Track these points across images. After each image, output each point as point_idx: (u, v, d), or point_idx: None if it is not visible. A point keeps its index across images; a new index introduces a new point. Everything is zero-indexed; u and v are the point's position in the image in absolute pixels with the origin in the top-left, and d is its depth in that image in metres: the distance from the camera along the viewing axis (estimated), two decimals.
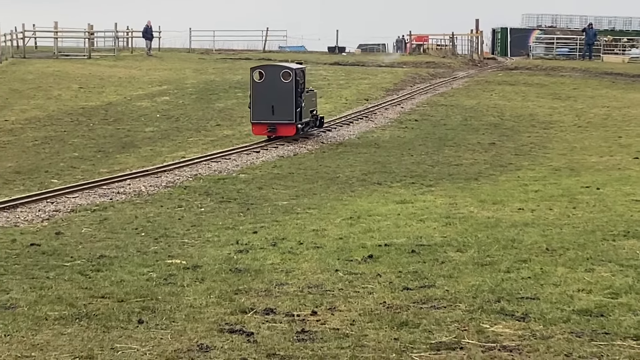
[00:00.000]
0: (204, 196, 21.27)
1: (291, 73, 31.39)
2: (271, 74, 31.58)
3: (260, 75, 31.69)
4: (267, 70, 32.13)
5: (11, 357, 9.43)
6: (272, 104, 30.89)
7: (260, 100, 31.12)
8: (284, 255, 14.46)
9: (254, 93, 31.49)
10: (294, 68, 31.92)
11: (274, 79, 31.36)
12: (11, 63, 53.80)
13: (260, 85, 31.45)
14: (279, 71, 31.67)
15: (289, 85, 31.23)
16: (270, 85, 31.28)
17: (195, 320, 10.78)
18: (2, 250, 15.24)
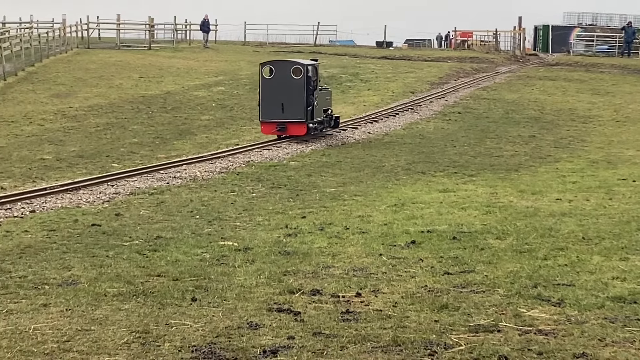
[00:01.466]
0: (256, 182, 21.32)
1: (302, 69, 29.07)
2: (281, 70, 29.21)
3: (270, 71, 29.38)
4: (277, 65, 29.77)
5: (72, 330, 9.53)
6: (282, 102, 28.67)
7: (269, 98, 28.89)
8: (331, 239, 14.47)
9: (263, 90, 29.25)
10: (305, 64, 29.71)
11: (284, 76, 29.02)
12: (76, 53, 54.21)
13: (269, 81, 29.12)
14: (289, 67, 29.36)
15: (300, 82, 28.90)
16: (280, 81, 28.94)
17: (246, 299, 10.82)
18: (65, 230, 15.39)
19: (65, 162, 24.84)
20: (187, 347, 8.95)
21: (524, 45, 71.31)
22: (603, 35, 72.36)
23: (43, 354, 8.75)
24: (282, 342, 9.08)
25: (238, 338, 9.25)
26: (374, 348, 8.90)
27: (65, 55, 52.90)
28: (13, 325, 9.69)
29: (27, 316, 10.06)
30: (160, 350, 8.88)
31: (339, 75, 47.42)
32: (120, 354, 8.76)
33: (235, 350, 8.86)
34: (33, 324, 9.71)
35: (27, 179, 21.94)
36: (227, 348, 8.93)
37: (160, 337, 9.31)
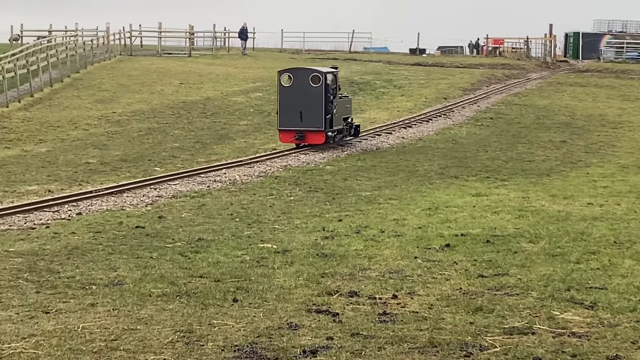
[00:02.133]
0: (293, 186, 21.37)
1: (321, 77, 27.95)
2: (299, 78, 28.09)
3: (288, 79, 28.25)
4: (295, 73, 28.62)
5: (119, 329, 9.62)
6: (300, 110, 27.58)
7: (287, 106, 27.85)
8: (367, 242, 14.49)
9: (281, 98, 28.19)
10: (324, 71, 28.54)
11: (303, 83, 27.91)
12: (119, 60, 54.57)
13: (288, 89, 28.04)
14: (307, 75, 28.22)
15: (319, 89, 27.78)
16: (299, 89, 27.84)
17: (285, 300, 10.87)
18: (111, 232, 15.51)
19: (110, 166, 25.01)
20: (229, 347, 9.02)
21: (555, 52, 70.95)
22: (633, 42, 71.78)
23: (91, 352, 8.83)
24: (321, 343, 9.12)
25: (278, 338, 9.30)
26: (411, 349, 8.91)
27: (108, 62, 53.26)
28: (62, 324, 9.80)
29: (76, 315, 10.16)
30: (203, 350, 8.94)
31: (373, 81, 47.40)
32: (165, 353, 8.83)
33: (276, 350, 8.91)
34: (81, 323, 9.80)
35: (73, 182, 22.12)
36: (268, 348, 8.98)
37: (204, 336, 9.37)
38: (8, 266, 12.73)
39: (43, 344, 9.10)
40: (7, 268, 12.61)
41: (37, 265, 12.81)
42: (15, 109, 37.55)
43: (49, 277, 12.05)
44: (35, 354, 8.77)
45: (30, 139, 31.63)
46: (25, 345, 9.05)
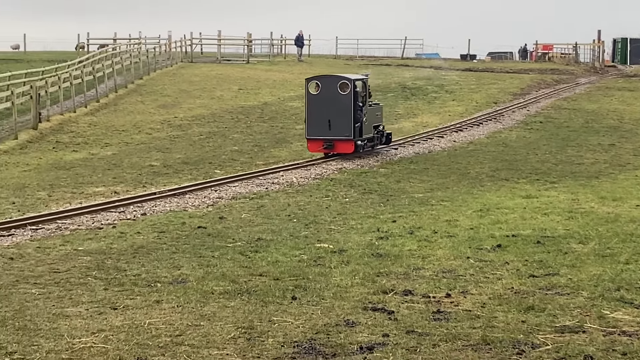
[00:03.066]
0: (348, 188, 21.40)
1: (349, 84, 26.62)
2: (328, 86, 26.74)
3: (316, 86, 26.96)
4: (323, 81, 27.24)
5: (183, 325, 9.71)
6: (328, 119, 26.26)
7: (316, 115, 26.51)
8: (420, 242, 14.46)
9: (309, 106, 26.96)
10: (352, 78, 27.16)
11: (331, 91, 26.58)
12: (180, 67, 55.00)
13: (316, 97, 26.78)
14: (336, 82, 26.84)
15: (347, 97, 26.49)
16: (327, 97, 26.53)
17: (342, 298, 10.89)
18: (174, 232, 15.66)
19: (172, 169, 25.24)
20: (289, 343, 9.06)
21: (603, 57, 70.12)
22: None
23: (158, 347, 8.94)
24: (378, 340, 9.13)
25: (336, 335, 9.32)
26: (465, 346, 8.89)
27: (170, 68, 53.71)
28: (129, 320, 9.92)
29: (142, 312, 10.28)
30: (264, 345, 9.00)
31: (425, 86, 47.26)
32: (228, 348, 8.90)
33: (334, 346, 8.94)
34: (148, 319, 9.92)
35: (137, 184, 22.36)
36: (326, 344, 9.01)
37: (264, 332, 9.43)
38: (77, 264, 12.92)
39: (112, 338, 9.22)
40: (76, 266, 12.80)
41: (105, 263, 12.98)
42: (82, 114, 38.05)
43: (116, 275, 12.21)
44: (105, 348, 8.89)
45: (97, 143, 32.03)
46: (95, 339, 9.19)
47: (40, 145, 31.53)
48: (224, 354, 8.72)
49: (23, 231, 15.76)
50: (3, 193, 20.76)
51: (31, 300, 10.81)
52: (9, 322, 9.77)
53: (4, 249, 14.10)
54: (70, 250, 13.98)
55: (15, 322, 9.81)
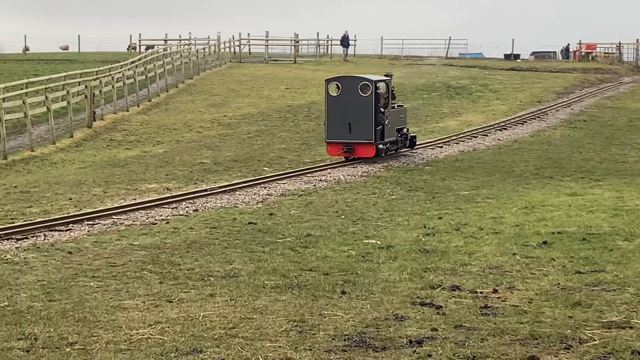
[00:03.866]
0: (394, 185, 21.38)
1: (370, 85, 25.22)
2: (348, 87, 25.34)
3: (337, 88, 25.55)
4: (343, 82, 25.85)
5: (236, 318, 9.80)
6: (349, 121, 24.93)
7: (336, 117, 25.16)
8: (467, 239, 14.43)
9: (329, 108, 25.51)
10: (373, 80, 25.72)
11: (352, 93, 25.17)
12: (229, 67, 55.27)
13: (336, 99, 25.35)
14: (356, 83, 25.42)
15: (368, 99, 25.10)
16: (347, 99, 25.12)
17: (391, 293, 10.92)
18: (225, 227, 15.76)
19: (222, 166, 25.37)
20: (339, 336, 9.11)
21: None
22: None
23: (212, 339, 9.02)
24: (426, 334, 9.14)
25: (385, 328, 9.35)
26: (512, 341, 8.87)
27: (219, 68, 53.99)
28: (184, 312, 10.03)
29: (197, 304, 10.38)
30: (315, 338, 9.05)
31: (469, 85, 47.06)
32: (280, 341, 8.96)
33: (384, 339, 8.97)
34: (202, 312, 10.02)
35: (189, 180, 22.53)
36: (376, 337, 9.04)
37: (315, 326, 9.48)
38: (133, 258, 13.07)
39: (168, 330, 9.33)
40: (132, 260, 12.95)
41: (160, 257, 13.11)
42: (135, 112, 38.40)
43: (171, 269, 12.33)
44: (162, 340, 9.00)
45: (149, 141, 32.32)
46: (152, 331, 9.30)
47: (95, 143, 31.90)
48: (276, 346, 8.78)
49: (80, 226, 15.97)
50: (60, 189, 21.03)
51: (90, 293, 10.97)
52: (70, 314, 9.92)
53: (63, 244, 14.30)
54: (126, 245, 14.14)
55: (75, 313, 9.96)
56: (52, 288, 11.17)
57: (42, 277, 11.80)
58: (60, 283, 11.47)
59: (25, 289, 11.15)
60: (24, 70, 47.96)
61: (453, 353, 8.47)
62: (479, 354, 8.43)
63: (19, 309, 10.17)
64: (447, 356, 8.38)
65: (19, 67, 50.67)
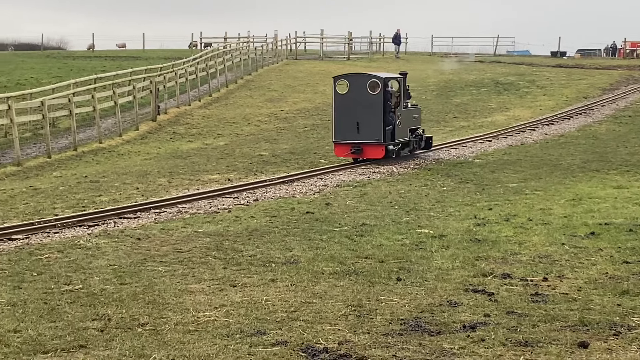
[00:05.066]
0: (445, 177, 21.30)
1: (380, 83, 23.28)
2: (357, 85, 23.44)
3: (345, 86, 23.75)
4: (351, 79, 23.87)
5: (297, 302, 9.87)
6: (357, 121, 23.13)
7: (343, 116, 23.33)
8: (516, 229, 14.34)
9: (336, 107, 23.65)
10: (383, 77, 23.63)
11: (360, 91, 23.33)
12: (285, 63, 55.43)
13: (344, 98, 23.51)
14: (365, 81, 23.50)
15: (377, 97, 23.21)
16: (356, 98, 23.30)
17: (444, 280, 10.91)
18: (284, 216, 15.85)
19: (280, 158, 25.48)
20: (396, 320, 9.13)
21: None
22: None
23: (275, 322, 9.10)
24: (479, 319, 9.12)
25: (440, 314, 9.35)
26: (563, 327, 8.82)
27: (276, 65, 54.18)
28: (248, 296, 10.12)
29: (259, 289, 10.47)
30: (373, 322, 9.08)
31: (516, 82, 46.65)
32: (339, 324, 9.01)
33: (438, 324, 8.97)
34: (264, 296, 10.10)
35: (249, 172, 22.66)
36: (431, 322, 9.05)
37: (372, 310, 9.52)
38: (198, 245, 13.21)
39: (233, 313, 9.43)
40: (197, 246, 13.08)
41: (223, 244, 13.23)
42: (196, 107, 38.71)
43: (234, 255, 12.44)
44: (227, 322, 9.09)
45: (210, 134, 32.58)
46: (218, 313, 9.40)
47: (159, 135, 32.23)
48: (335, 329, 8.83)
49: (147, 214, 16.16)
50: (128, 179, 21.30)
51: (158, 277, 11.11)
52: (140, 297, 10.07)
53: (132, 230, 14.50)
54: (191, 232, 14.28)
55: (145, 296, 10.11)
56: (123, 272, 11.34)
57: (113, 262, 11.98)
58: (130, 267, 11.64)
59: (98, 272, 11.33)
60: (92, 67, 48.59)
61: (505, 338, 8.45)
62: (531, 339, 8.40)
63: (92, 291, 10.35)
64: (499, 341, 8.37)
65: (87, 64, 51.33)
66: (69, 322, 9.03)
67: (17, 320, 9.09)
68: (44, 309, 9.55)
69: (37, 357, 7.99)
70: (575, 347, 8.17)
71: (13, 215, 16.33)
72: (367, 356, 7.99)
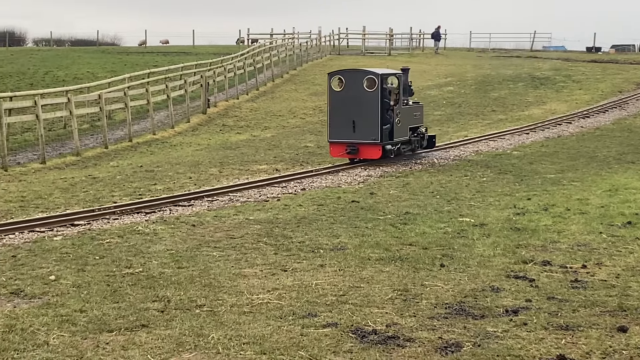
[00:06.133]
0: (485, 168, 21.23)
1: (376, 80, 21.24)
2: (352, 82, 21.42)
3: (339, 82, 21.66)
4: (347, 76, 21.78)
5: (345, 286, 9.94)
6: (352, 119, 21.22)
7: (339, 114, 21.37)
8: (555, 218, 14.28)
9: (332, 105, 21.63)
10: (379, 73, 21.56)
11: (356, 88, 21.31)
12: (329, 59, 55.43)
13: (339, 95, 21.49)
14: (361, 77, 21.41)
15: (374, 95, 21.19)
16: (351, 95, 21.31)
17: (486, 266, 10.91)
18: (331, 205, 15.91)
19: (324, 149, 25.41)
20: (441, 304, 9.17)
21: None
22: None
23: (325, 305, 9.18)
24: (521, 304, 9.13)
25: (483, 299, 9.37)
26: (602, 312, 8.80)
27: (320, 60, 54.21)
28: (299, 280, 10.21)
29: (309, 274, 10.55)
30: (419, 306, 9.13)
31: (553, 76, 46.22)
32: (386, 308, 9.07)
33: (482, 308, 9.00)
34: (314, 281, 10.18)
35: (295, 162, 22.76)
36: (475, 306, 9.07)
37: (418, 295, 9.56)
38: (250, 231, 13.32)
39: (285, 296, 9.53)
40: (249, 233, 13.20)
41: (273, 231, 13.33)
42: (244, 100, 38.91)
43: (284, 242, 12.53)
44: (280, 304, 9.19)
45: (257, 126, 32.73)
46: (271, 296, 9.51)
47: (209, 127, 32.46)
48: (383, 312, 8.89)
49: (201, 202, 16.33)
50: (181, 169, 21.50)
51: (213, 261, 11.24)
52: (197, 280, 10.21)
53: (187, 217, 14.66)
54: (242, 219, 14.40)
55: (201, 279, 10.24)
56: (179, 256, 11.49)
57: (170, 247, 12.14)
58: (186, 252, 11.79)
59: (156, 257, 11.49)
60: (145, 62, 49.00)
61: (547, 322, 8.46)
62: (572, 324, 8.40)
63: (152, 274, 10.50)
64: (541, 325, 8.38)
65: (140, 59, 51.76)
66: (131, 303, 9.19)
67: (82, 301, 9.28)
68: (107, 290, 9.72)
69: (102, 335, 8.15)
70: (615, 332, 8.15)
71: (75, 203, 16.59)
72: (414, 338, 8.05)
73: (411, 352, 7.69)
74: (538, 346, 7.79)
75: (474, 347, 7.78)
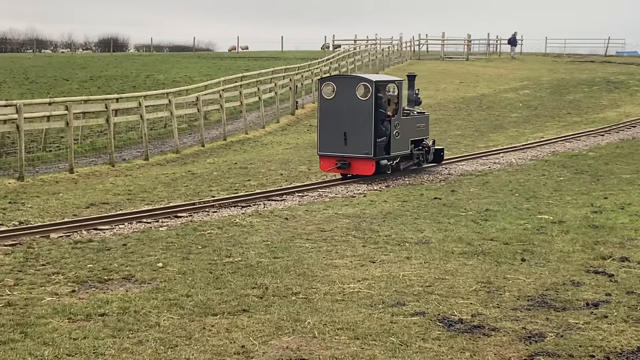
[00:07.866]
0: (561, 168, 20.90)
1: (370, 87, 18.29)
2: (344, 89, 18.45)
3: (331, 90, 18.65)
4: (339, 82, 18.73)
5: (431, 278, 9.95)
6: (344, 131, 18.33)
7: (329, 125, 18.50)
8: (632, 217, 13.99)
9: (321, 114, 18.72)
10: (373, 80, 18.54)
11: (348, 96, 18.37)
12: (409, 63, 55.20)
13: (330, 103, 18.56)
14: (354, 85, 18.44)
15: (367, 104, 18.24)
16: (343, 104, 18.40)
17: (566, 262, 10.78)
18: (414, 201, 15.90)
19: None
20: (523, 297, 9.11)
21: None
22: None
23: (412, 295, 9.21)
24: (601, 298, 9.01)
25: (564, 292, 9.27)
26: None
27: (401, 65, 54.03)
28: (387, 271, 10.26)
29: (396, 265, 10.59)
30: (502, 298, 9.09)
31: (627, 80, 45.14)
32: (471, 299, 9.05)
33: (563, 301, 8.91)
34: (401, 272, 10.22)
35: None
36: (556, 299, 8.99)
37: (501, 287, 9.51)
38: (339, 225, 13.41)
39: (374, 285, 9.59)
40: (338, 226, 13.29)
41: (361, 225, 13.40)
42: None
43: (371, 235, 12.59)
44: (370, 293, 9.26)
45: None
46: (361, 286, 9.58)
47: (297, 128, 32.68)
48: (468, 303, 8.88)
49: (292, 197, 16.49)
50: (272, 166, 21.73)
51: (306, 252, 11.36)
52: (291, 269, 10.34)
53: (280, 211, 14.83)
54: (331, 214, 14.50)
55: (296, 269, 10.37)
56: (275, 247, 11.65)
57: (266, 238, 12.31)
58: (281, 243, 11.94)
59: (254, 247, 11.67)
60: (237, 66, 49.61)
61: (627, 315, 8.33)
62: None
63: (250, 263, 10.68)
64: (621, 318, 8.25)
65: (233, 63, 52.42)
66: (232, 289, 9.37)
67: (187, 287, 9.50)
68: (209, 277, 9.93)
69: (207, 318, 8.34)
70: None
71: (177, 196, 16.95)
72: (499, 327, 8.02)
73: (497, 340, 7.67)
74: (619, 337, 7.68)
75: (556, 337, 7.72)
